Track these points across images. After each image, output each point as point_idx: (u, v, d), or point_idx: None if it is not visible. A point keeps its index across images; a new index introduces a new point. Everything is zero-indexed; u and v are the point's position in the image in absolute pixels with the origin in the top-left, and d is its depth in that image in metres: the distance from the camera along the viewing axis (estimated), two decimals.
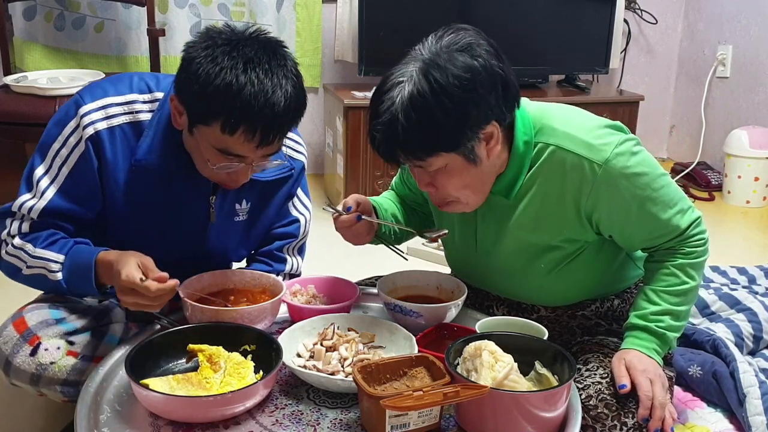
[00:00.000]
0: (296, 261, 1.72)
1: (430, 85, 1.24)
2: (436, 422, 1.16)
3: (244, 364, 1.28)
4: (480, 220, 1.49)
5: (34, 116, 2.47)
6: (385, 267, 1.69)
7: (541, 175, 1.39)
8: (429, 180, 1.35)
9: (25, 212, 1.39)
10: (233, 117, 1.25)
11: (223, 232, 1.54)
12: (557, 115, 1.41)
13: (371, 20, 3.18)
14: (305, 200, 1.70)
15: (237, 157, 1.31)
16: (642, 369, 1.35)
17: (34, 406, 1.73)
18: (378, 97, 1.30)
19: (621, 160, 1.34)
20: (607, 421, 1.33)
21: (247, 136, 1.27)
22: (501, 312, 1.61)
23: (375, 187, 3.16)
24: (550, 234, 1.42)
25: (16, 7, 3.12)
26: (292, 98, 1.28)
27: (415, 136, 1.26)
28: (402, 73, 1.27)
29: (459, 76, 1.24)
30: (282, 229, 1.67)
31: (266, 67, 1.26)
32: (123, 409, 1.22)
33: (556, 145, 1.36)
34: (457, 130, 1.27)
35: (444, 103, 1.24)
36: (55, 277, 1.37)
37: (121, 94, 1.41)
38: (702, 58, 3.92)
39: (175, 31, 3.31)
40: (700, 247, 1.43)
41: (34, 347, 1.37)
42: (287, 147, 1.60)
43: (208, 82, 1.24)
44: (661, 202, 1.38)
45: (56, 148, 1.39)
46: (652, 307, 1.41)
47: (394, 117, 1.26)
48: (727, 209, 3.47)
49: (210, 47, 1.26)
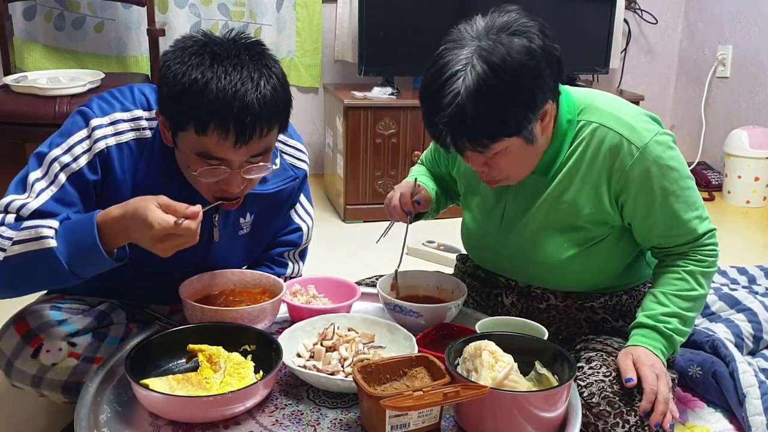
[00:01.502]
0: (297, 266, 1.71)
1: (496, 73, 1.23)
2: (436, 422, 1.16)
3: (244, 364, 1.28)
4: (512, 196, 1.51)
5: (34, 116, 2.47)
6: (385, 267, 1.69)
7: (579, 151, 1.42)
8: (484, 161, 1.36)
9: (13, 210, 1.28)
10: (202, 114, 1.21)
11: (227, 247, 1.52)
12: (602, 97, 1.46)
13: (371, 20, 3.18)
14: (308, 207, 1.69)
15: (219, 160, 1.27)
16: (649, 364, 1.36)
17: (34, 406, 1.73)
18: (437, 88, 1.28)
19: (658, 149, 1.38)
20: (610, 418, 1.33)
21: (221, 134, 1.22)
22: (510, 300, 1.60)
23: (375, 187, 3.16)
24: (577, 210, 1.44)
25: (16, 7, 3.12)
26: (267, 93, 1.23)
27: (484, 125, 1.27)
28: (458, 61, 1.26)
29: (523, 62, 1.24)
30: (284, 238, 1.67)
31: (235, 61, 1.22)
32: (123, 409, 1.22)
33: (599, 122, 1.40)
34: (524, 115, 1.28)
35: (512, 91, 1.25)
36: (48, 244, 1.19)
37: (127, 109, 1.38)
38: (702, 58, 3.92)
39: (175, 31, 3.31)
40: (712, 257, 1.45)
41: (35, 349, 1.37)
42: (288, 155, 1.58)
43: (176, 81, 1.22)
44: (684, 201, 1.41)
45: (57, 154, 1.33)
46: (662, 308, 1.42)
47: (462, 108, 1.24)
48: (727, 209, 3.47)
49: (180, 50, 1.25)
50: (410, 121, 3.14)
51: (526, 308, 1.59)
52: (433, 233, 2.82)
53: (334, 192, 3.36)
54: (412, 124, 3.14)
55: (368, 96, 3.16)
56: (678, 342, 1.43)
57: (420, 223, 1.69)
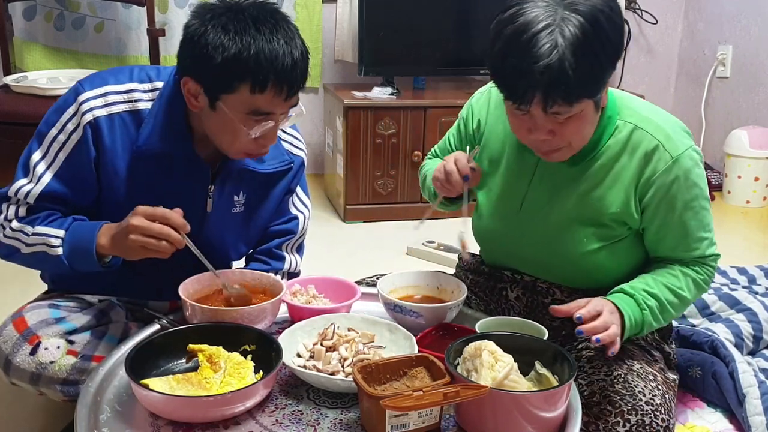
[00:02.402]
0: (295, 259, 1.71)
1: (592, 26, 1.21)
2: (436, 422, 1.16)
3: (244, 364, 1.28)
4: (536, 182, 1.49)
5: (34, 116, 2.44)
6: (385, 267, 1.69)
7: (613, 149, 1.42)
8: (551, 127, 1.30)
9: (21, 197, 1.39)
10: (261, 74, 1.28)
11: (220, 223, 1.53)
12: (640, 101, 1.47)
13: (371, 20, 3.19)
14: (304, 198, 1.70)
15: (267, 115, 1.34)
16: (609, 311, 1.34)
17: (34, 405, 1.73)
18: (527, 41, 1.21)
19: (689, 163, 1.39)
20: (611, 417, 1.33)
21: (276, 90, 1.30)
22: (515, 294, 1.60)
23: (375, 187, 3.16)
24: (605, 207, 1.43)
25: (16, 7, 3.12)
26: (303, 49, 1.34)
27: (583, 79, 1.23)
28: (544, 15, 1.21)
29: (608, 16, 1.23)
30: (280, 227, 1.67)
31: (272, 23, 1.30)
32: (123, 409, 1.22)
33: (637, 125, 1.41)
34: (608, 72, 1.28)
35: (605, 46, 1.24)
36: (56, 252, 1.36)
37: (121, 83, 1.42)
38: (702, 58, 3.93)
39: (175, 31, 3.31)
40: (709, 276, 1.48)
41: (34, 346, 1.37)
42: (287, 142, 1.60)
43: (226, 48, 1.27)
44: (699, 220, 1.43)
45: (53, 134, 1.39)
46: (646, 287, 1.42)
47: (562, 60, 1.20)
48: (727, 209, 3.47)
49: (213, 18, 1.29)
50: (410, 121, 3.14)
51: (530, 302, 1.58)
52: (433, 233, 2.82)
53: (334, 192, 3.36)
54: (412, 124, 3.14)
55: (368, 96, 3.16)
56: (647, 324, 1.41)
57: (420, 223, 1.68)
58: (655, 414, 1.34)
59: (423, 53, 3.34)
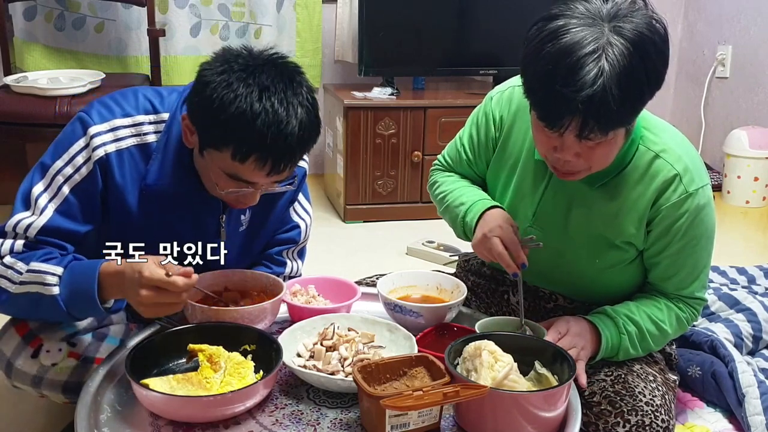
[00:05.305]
0: (296, 264, 1.71)
1: (642, 58, 1.16)
2: (435, 422, 1.16)
3: (244, 364, 1.28)
4: (549, 195, 1.46)
5: (34, 116, 2.47)
6: (385, 267, 1.69)
7: (632, 176, 1.38)
8: (579, 150, 1.25)
9: (20, 231, 1.31)
10: (245, 146, 1.23)
11: (228, 244, 1.50)
12: (662, 123, 1.44)
13: (371, 20, 3.19)
14: (306, 205, 1.69)
15: (246, 182, 1.30)
16: (577, 333, 1.37)
17: (35, 407, 1.73)
18: (573, 64, 1.14)
19: (701, 200, 1.37)
20: (610, 418, 1.33)
21: (258, 165, 1.25)
22: (516, 298, 1.59)
23: (375, 187, 3.16)
24: (617, 230, 1.41)
25: (16, 7, 3.12)
26: (306, 128, 1.26)
27: (624, 109, 1.17)
28: (593, 37, 1.15)
29: (654, 42, 1.18)
30: (283, 235, 1.67)
31: (281, 96, 1.23)
32: (123, 409, 1.22)
33: (658, 153, 1.37)
34: (645, 102, 1.22)
35: (648, 74, 1.17)
36: (51, 291, 1.26)
37: (129, 115, 1.38)
38: (702, 58, 3.93)
39: (175, 31, 3.31)
40: (692, 316, 1.48)
41: (35, 349, 1.37)
42: None
43: (223, 108, 1.22)
44: (697, 258, 1.42)
45: (59, 166, 1.33)
46: (629, 312, 1.42)
47: (607, 89, 1.13)
48: (726, 209, 3.47)
49: (226, 72, 1.23)
50: (410, 121, 3.14)
51: (532, 307, 1.58)
52: (433, 233, 2.82)
53: (334, 192, 3.36)
54: (412, 125, 3.14)
55: (368, 96, 3.16)
56: (623, 350, 1.41)
57: (420, 223, 1.68)
58: (655, 414, 1.34)
59: (423, 53, 3.34)
